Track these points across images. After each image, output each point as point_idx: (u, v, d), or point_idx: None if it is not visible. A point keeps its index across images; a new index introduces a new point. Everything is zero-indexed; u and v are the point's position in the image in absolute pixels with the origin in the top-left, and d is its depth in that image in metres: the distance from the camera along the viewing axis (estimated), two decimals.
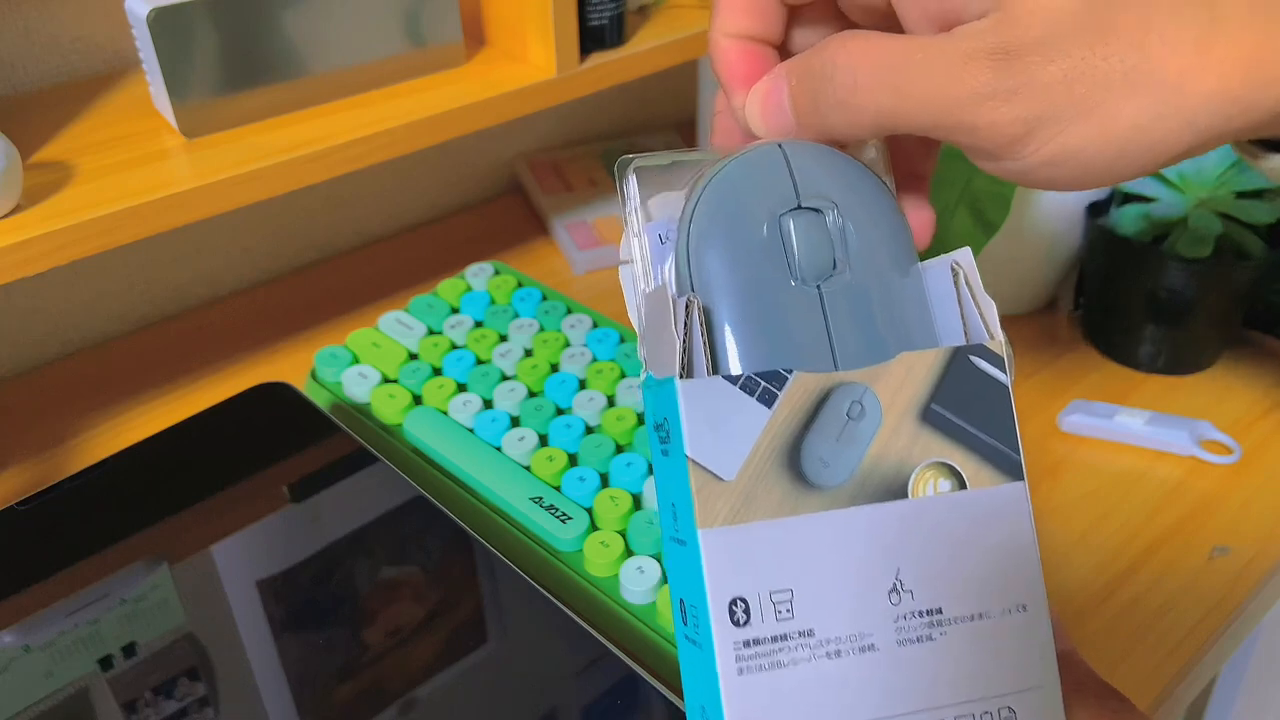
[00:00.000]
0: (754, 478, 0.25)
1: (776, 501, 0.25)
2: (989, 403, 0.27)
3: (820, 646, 0.25)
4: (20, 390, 0.56)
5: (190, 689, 0.33)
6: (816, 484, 0.26)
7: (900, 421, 0.26)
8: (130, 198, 0.44)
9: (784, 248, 0.27)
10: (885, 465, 0.26)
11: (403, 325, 0.54)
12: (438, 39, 0.53)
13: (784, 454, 0.26)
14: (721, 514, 0.25)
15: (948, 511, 0.26)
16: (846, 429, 0.26)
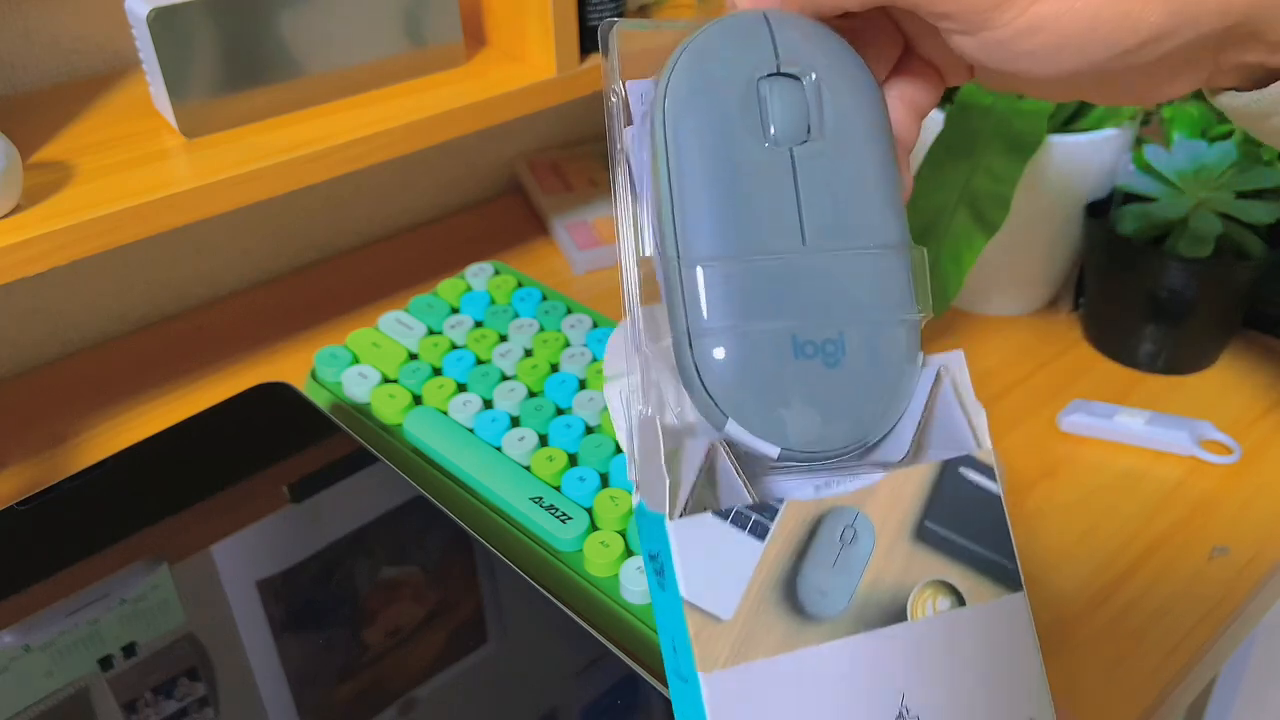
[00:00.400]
0: (752, 614, 0.25)
1: (777, 637, 0.25)
2: (982, 514, 0.27)
3: None
4: (20, 390, 0.56)
5: (190, 689, 0.33)
6: (815, 615, 0.25)
7: (894, 542, 0.26)
8: (130, 198, 0.44)
9: (760, 110, 0.27)
10: (882, 588, 0.26)
11: (403, 325, 0.54)
12: (438, 39, 0.53)
13: (780, 586, 0.25)
14: (722, 656, 0.24)
15: (948, 630, 0.26)
16: (841, 555, 0.26)
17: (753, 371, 0.26)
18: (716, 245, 0.27)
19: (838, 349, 0.27)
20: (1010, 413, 0.53)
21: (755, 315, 0.26)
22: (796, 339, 0.27)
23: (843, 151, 0.28)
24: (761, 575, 0.25)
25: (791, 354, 0.27)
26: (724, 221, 0.27)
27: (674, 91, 0.27)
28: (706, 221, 0.27)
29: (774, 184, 0.27)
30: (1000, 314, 0.60)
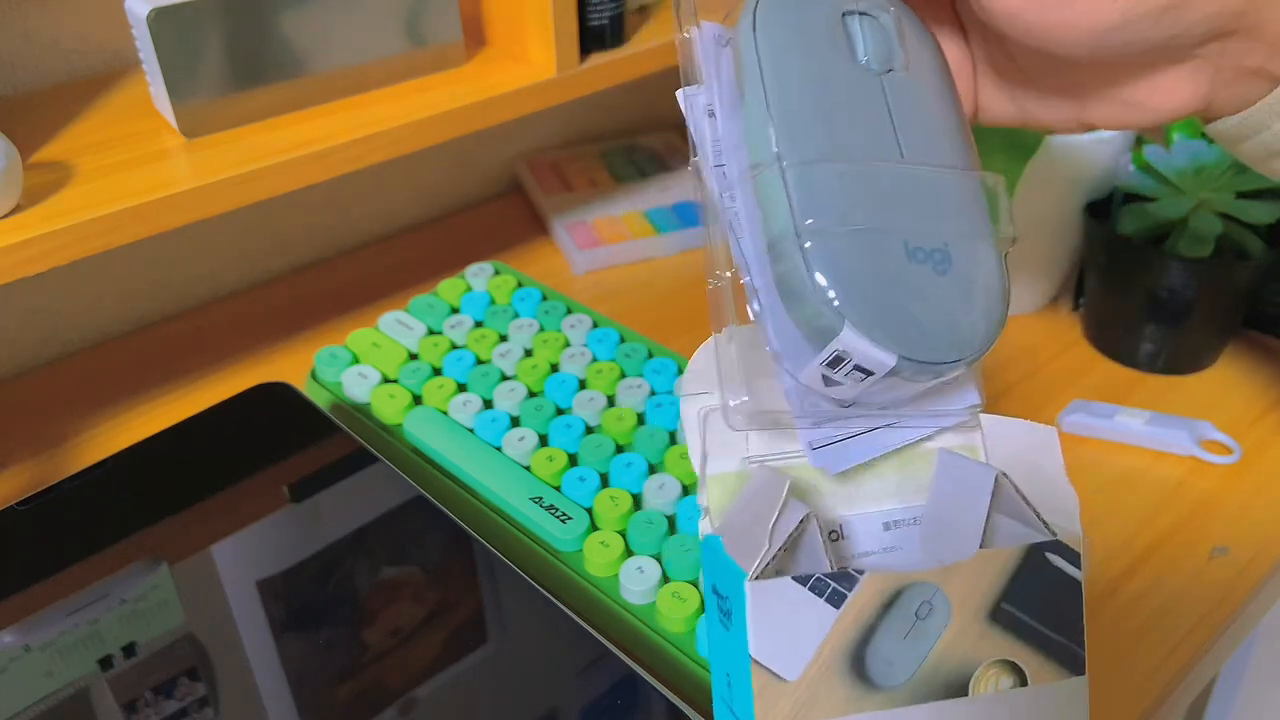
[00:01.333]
0: (817, 678, 0.25)
1: (838, 702, 0.25)
2: (1059, 598, 0.27)
3: None
4: (20, 390, 0.56)
5: (190, 689, 0.33)
6: (879, 684, 0.25)
7: (969, 621, 0.26)
8: (130, 198, 0.44)
9: (849, 39, 0.29)
10: (949, 664, 0.26)
11: (403, 325, 0.54)
12: (438, 39, 0.53)
13: (849, 653, 0.25)
14: (782, 715, 0.25)
15: (1007, 709, 0.26)
16: (914, 628, 0.26)
17: (869, 274, 0.26)
18: (821, 148, 0.27)
19: (945, 258, 0.27)
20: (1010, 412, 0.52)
21: (867, 216, 0.26)
22: (908, 244, 0.26)
23: (922, 84, 0.29)
24: (832, 641, 0.25)
25: (905, 258, 0.26)
26: (826, 127, 0.27)
27: (764, 17, 0.28)
28: (810, 126, 0.27)
29: (869, 102, 0.28)
30: None
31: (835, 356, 0.26)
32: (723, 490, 0.30)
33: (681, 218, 0.68)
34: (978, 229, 0.28)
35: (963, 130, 0.29)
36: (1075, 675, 0.26)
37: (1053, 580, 0.27)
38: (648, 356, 0.52)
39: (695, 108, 0.30)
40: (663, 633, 0.38)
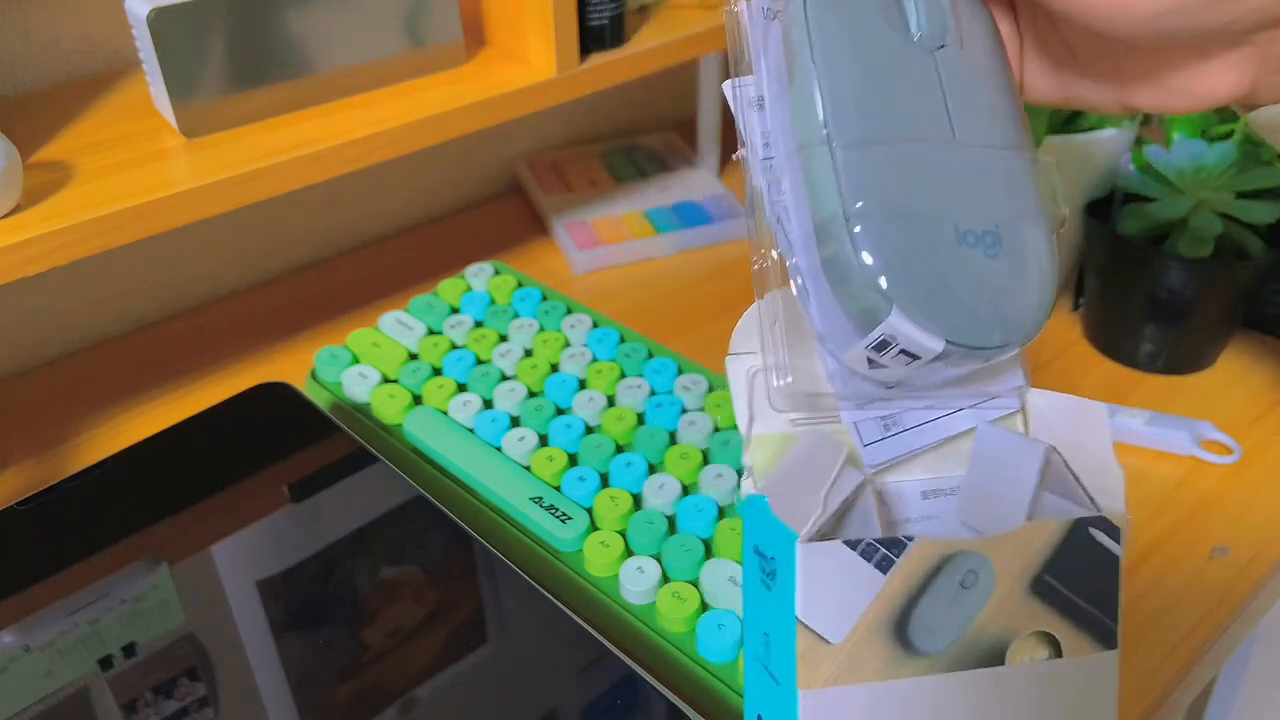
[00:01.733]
0: (860, 642, 0.25)
1: (878, 665, 0.25)
2: (1098, 573, 0.27)
3: None
4: (20, 390, 0.56)
5: (190, 689, 0.33)
6: (919, 649, 0.26)
7: (1011, 591, 0.26)
8: (130, 198, 0.44)
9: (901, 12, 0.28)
10: (988, 633, 0.26)
11: (403, 325, 0.54)
12: (438, 39, 0.53)
13: (892, 619, 0.25)
14: (823, 676, 0.25)
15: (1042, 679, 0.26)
16: (958, 596, 0.26)
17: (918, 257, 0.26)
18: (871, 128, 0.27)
19: (995, 241, 0.27)
20: None
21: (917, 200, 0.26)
22: (958, 227, 0.26)
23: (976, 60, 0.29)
24: (878, 606, 0.25)
25: (955, 241, 0.26)
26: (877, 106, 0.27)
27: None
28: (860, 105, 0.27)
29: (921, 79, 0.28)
30: None
31: (882, 340, 0.26)
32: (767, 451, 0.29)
33: (681, 218, 0.68)
34: (1029, 210, 0.27)
35: (1015, 109, 0.29)
36: (1107, 649, 0.27)
37: (1093, 555, 0.27)
38: (648, 356, 0.52)
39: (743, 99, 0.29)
40: (663, 633, 0.38)
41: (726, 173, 0.77)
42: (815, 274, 0.27)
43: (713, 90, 0.73)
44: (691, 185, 0.72)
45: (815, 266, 0.27)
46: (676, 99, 0.82)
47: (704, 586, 0.39)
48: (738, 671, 0.37)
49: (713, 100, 0.73)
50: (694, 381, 0.49)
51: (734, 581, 0.39)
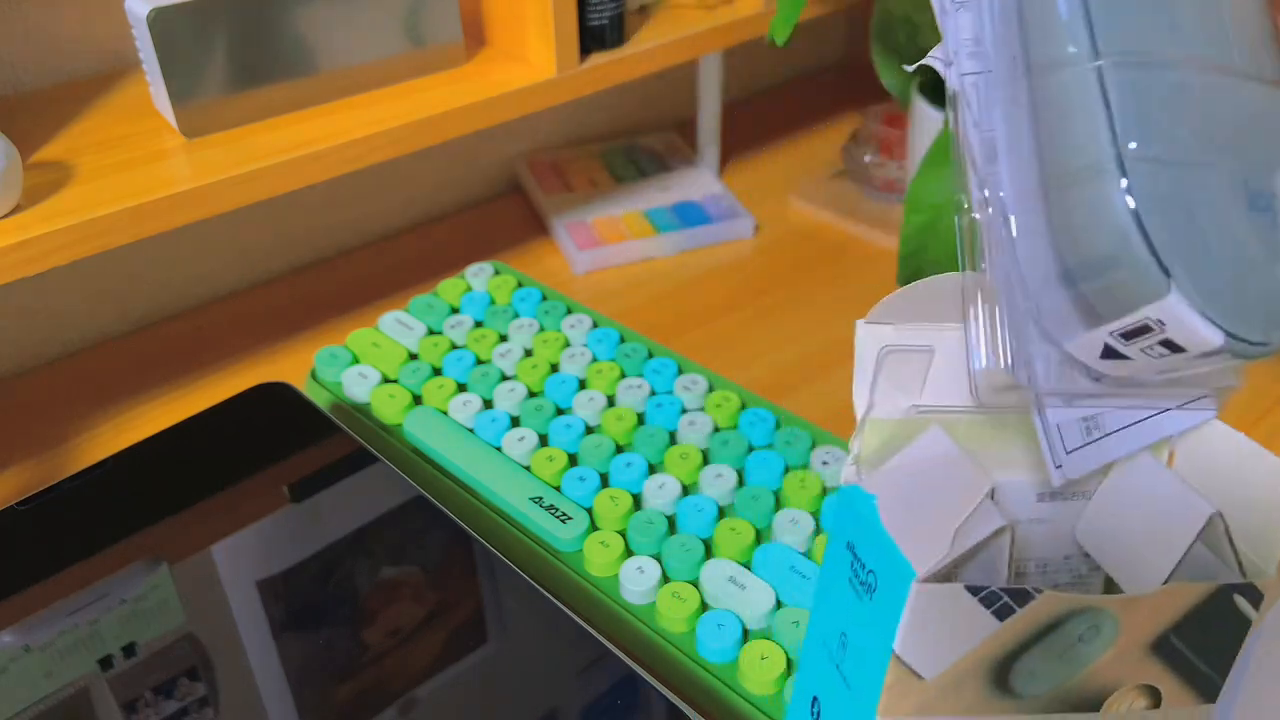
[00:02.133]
0: (953, 680, 0.22)
1: (965, 703, 0.23)
2: (1228, 638, 0.24)
3: None
4: (20, 390, 0.56)
5: (190, 689, 0.33)
6: (1016, 693, 0.23)
7: (1130, 648, 0.23)
8: (130, 198, 0.44)
9: None
10: (1093, 684, 0.23)
11: (403, 325, 0.54)
12: (438, 39, 0.54)
13: (994, 663, 0.23)
14: (906, 708, 0.23)
15: None
16: (1071, 650, 0.23)
17: (1203, 222, 0.20)
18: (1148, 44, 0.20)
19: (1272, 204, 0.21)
20: None
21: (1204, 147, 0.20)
22: (1250, 185, 0.20)
23: None
24: (982, 651, 0.22)
25: (1245, 204, 0.20)
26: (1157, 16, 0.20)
27: None
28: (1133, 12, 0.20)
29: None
30: None
31: (1140, 326, 0.21)
32: (879, 437, 0.26)
33: (681, 218, 0.68)
34: None
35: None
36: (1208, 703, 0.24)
37: (1228, 620, 0.24)
38: (648, 356, 0.52)
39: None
40: (663, 633, 0.39)
41: (727, 173, 0.77)
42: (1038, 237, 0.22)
43: (713, 90, 0.73)
44: (691, 185, 0.72)
45: (1039, 227, 0.22)
46: (676, 99, 0.82)
47: (704, 586, 0.39)
48: (738, 671, 0.37)
49: (713, 100, 0.73)
50: (694, 381, 0.49)
51: (734, 581, 0.39)
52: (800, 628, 0.37)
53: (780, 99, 0.89)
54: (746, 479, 0.44)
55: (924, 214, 0.50)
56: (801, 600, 0.39)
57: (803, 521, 0.42)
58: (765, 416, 0.47)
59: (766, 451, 0.45)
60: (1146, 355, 0.21)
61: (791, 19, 0.51)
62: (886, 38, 0.61)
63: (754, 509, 0.42)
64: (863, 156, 0.70)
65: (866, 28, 0.63)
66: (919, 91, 0.57)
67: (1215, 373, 0.25)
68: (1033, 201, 0.21)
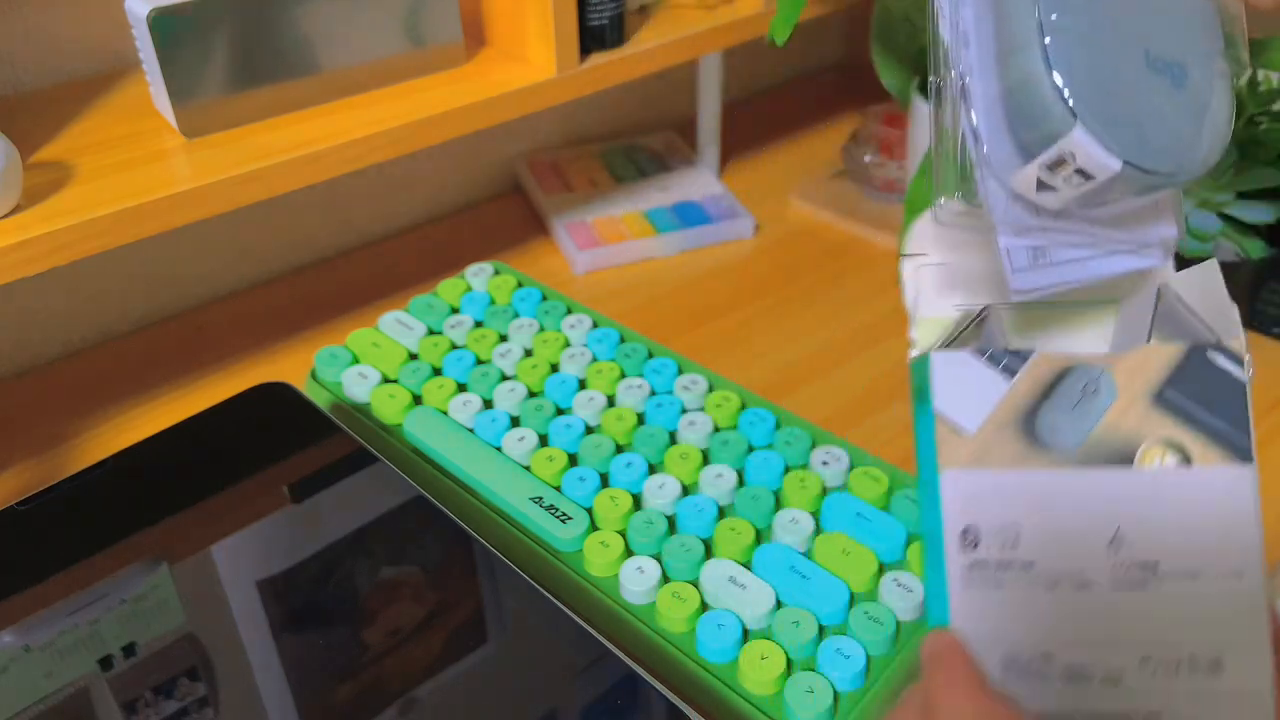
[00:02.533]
0: (992, 434, 0.28)
1: (1011, 456, 0.28)
2: (1223, 395, 0.28)
3: (1039, 577, 0.27)
4: (20, 390, 0.56)
5: (190, 689, 0.33)
6: (1048, 445, 0.28)
7: (1133, 401, 0.28)
8: (130, 198, 0.44)
9: None
10: (1115, 436, 0.28)
11: (403, 325, 0.54)
12: (438, 39, 0.54)
13: (1020, 417, 0.29)
14: (961, 459, 0.28)
15: (1171, 483, 0.28)
16: (1081, 402, 0.29)
17: (1108, 76, 0.26)
18: None
19: (1182, 73, 0.27)
20: None
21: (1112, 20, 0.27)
22: (1149, 53, 0.27)
23: None
24: (1006, 404, 0.29)
25: (1145, 66, 0.27)
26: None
27: None
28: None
29: None
30: None
31: (1059, 157, 0.27)
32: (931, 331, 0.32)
33: (681, 218, 0.68)
34: (1213, 50, 0.28)
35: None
36: (1242, 463, 0.28)
37: (1217, 378, 0.28)
38: (648, 356, 0.52)
39: None
40: (663, 633, 0.39)
41: (727, 173, 0.77)
42: (990, 96, 0.28)
43: (713, 90, 0.73)
44: (691, 185, 0.72)
45: (992, 88, 0.28)
46: (676, 99, 0.82)
47: (704, 586, 0.39)
48: (738, 671, 0.37)
49: (713, 100, 0.73)
50: (694, 381, 0.49)
51: (734, 581, 0.39)
52: (800, 627, 0.37)
53: (780, 99, 0.89)
54: (746, 479, 0.44)
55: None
56: (801, 600, 0.39)
57: (803, 521, 0.42)
58: (765, 416, 0.47)
59: (766, 451, 0.45)
60: (1068, 185, 0.27)
61: (791, 19, 0.51)
62: (886, 38, 0.61)
63: (754, 509, 0.42)
64: (863, 156, 0.70)
65: (866, 28, 0.63)
66: (919, 91, 0.57)
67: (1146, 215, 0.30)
68: (990, 73, 0.28)
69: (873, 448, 0.50)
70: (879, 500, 0.43)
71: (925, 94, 0.57)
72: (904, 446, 0.51)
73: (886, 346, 0.58)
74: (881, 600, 0.39)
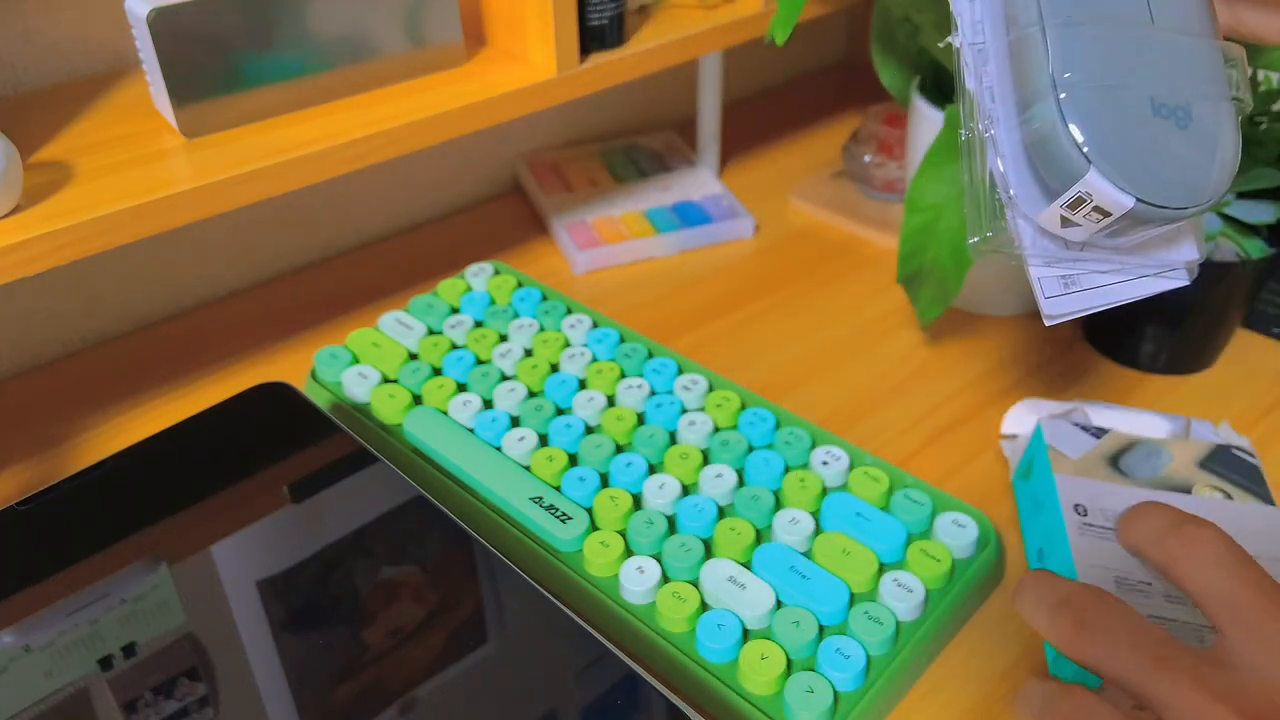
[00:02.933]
0: (1087, 463, 0.43)
1: (1101, 476, 0.43)
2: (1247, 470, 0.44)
3: None
4: (20, 390, 0.56)
5: (190, 689, 0.33)
6: (1128, 476, 0.43)
7: (1185, 464, 0.44)
8: (130, 198, 0.44)
9: None
10: (1174, 479, 0.43)
11: (403, 325, 0.54)
12: (438, 39, 0.54)
13: (1107, 457, 0.44)
14: (1067, 470, 0.43)
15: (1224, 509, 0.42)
16: (1149, 458, 0.44)
17: (1116, 124, 0.30)
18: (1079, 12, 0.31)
19: (1186, 115, 0.30)
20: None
21: (1118, 74, 0.30)
22: (1154, 99, 0.30)
23: None
24: (1095, 450, 0.44)
25: (1150, 112, 0.30)
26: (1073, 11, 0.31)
27: None
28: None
29: None
30: (1000, 314, 0.60)
31: (1077, 197, 0.30)
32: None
33: (681, 218, 0.68)
34: (1217, 91, 0.31)
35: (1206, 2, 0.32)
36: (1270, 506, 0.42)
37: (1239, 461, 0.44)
38: (648, 356, 0.52)
39: None
40: (663, 633, 0.39)
41: (726, 172, 0.77)
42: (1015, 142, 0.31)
43: (713, 90, 0.73)
44: (691, 185, 0.72)
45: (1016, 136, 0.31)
46: (676, 99, 0.82)
47: (704, 586, 0.39)
48: (738, 671, 0.37)
49: (713, 100, 0.73)
50: (694, 381, 0.49)
51: (734, 581, 0.39)
52: (800, 627, 0.37)
53: (780, 99, 0.89)
54: (746, 479, 0.44)
55: (924, 214, 0.50)
56: (801, 600, 0.39)
57: (803, 521, 0.42)
58: (765, 416, 0.47)
59: (766, 451, 0.45)
60: (1089, 221, 0.31)
61: (791, 19, 0.51)
62: (886, 38, 0.61)
63: (754, 509, 0.42)
64: (863, 156, 0.70)
65: (866, 28, 0.63)
66: (919, 91, 0.57)
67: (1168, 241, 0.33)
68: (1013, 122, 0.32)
69: (873, 448, 0.50)
70: (879, 500, 0.43)
71: (925, 94, 0.57)
72: (904, 446, 0.51)
73: (886, 346, 0.58)
74: (881, 600, 0.39)
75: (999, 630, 0.42)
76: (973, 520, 0.42)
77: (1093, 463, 0.43)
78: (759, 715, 0.36)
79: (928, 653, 0.39)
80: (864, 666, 0.37)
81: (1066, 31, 0.30)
